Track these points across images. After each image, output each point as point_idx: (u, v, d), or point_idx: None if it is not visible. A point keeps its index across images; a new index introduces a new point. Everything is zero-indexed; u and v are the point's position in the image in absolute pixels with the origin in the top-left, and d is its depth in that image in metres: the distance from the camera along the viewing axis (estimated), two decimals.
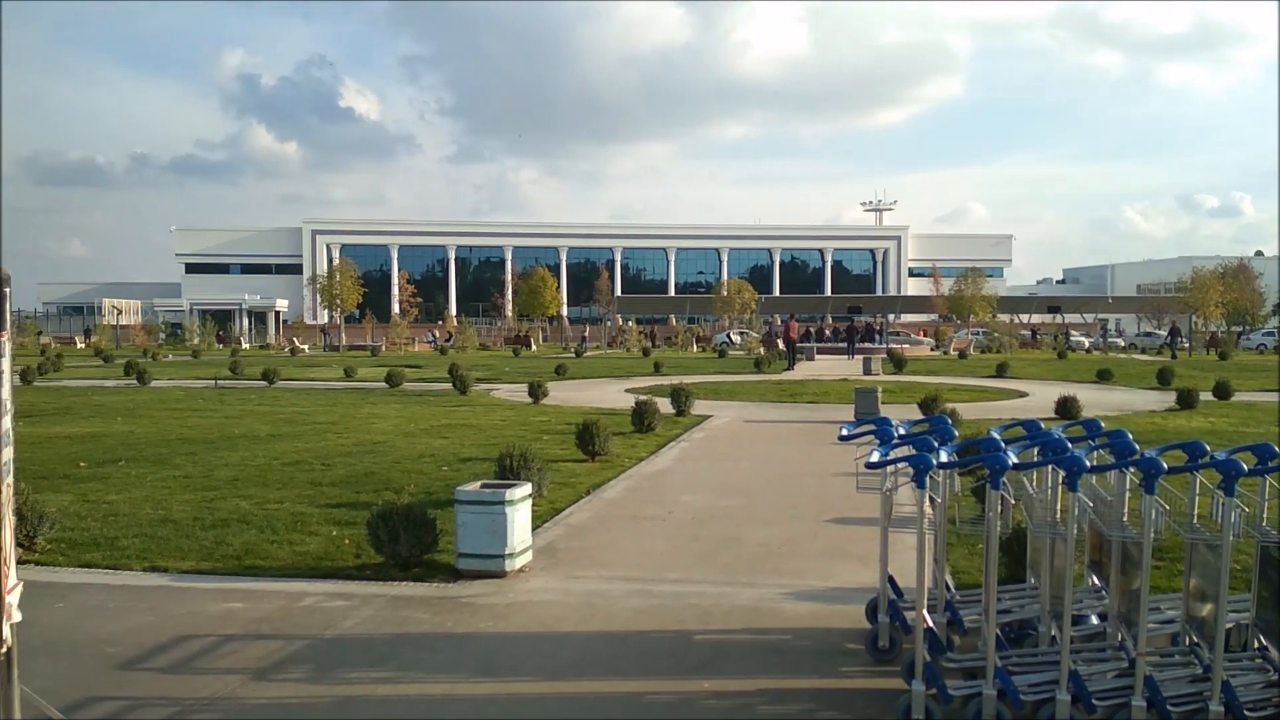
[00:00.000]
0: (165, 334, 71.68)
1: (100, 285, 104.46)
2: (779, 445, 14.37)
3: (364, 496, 9.74)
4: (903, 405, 18.58)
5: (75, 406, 19.90)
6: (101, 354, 46.15)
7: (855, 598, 6.20)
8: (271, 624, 5.91)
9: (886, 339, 57.84)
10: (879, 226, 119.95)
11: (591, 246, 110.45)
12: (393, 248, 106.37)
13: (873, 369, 30.48)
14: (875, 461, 4.71)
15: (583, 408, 19.33)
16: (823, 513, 9.23)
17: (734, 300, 71.70)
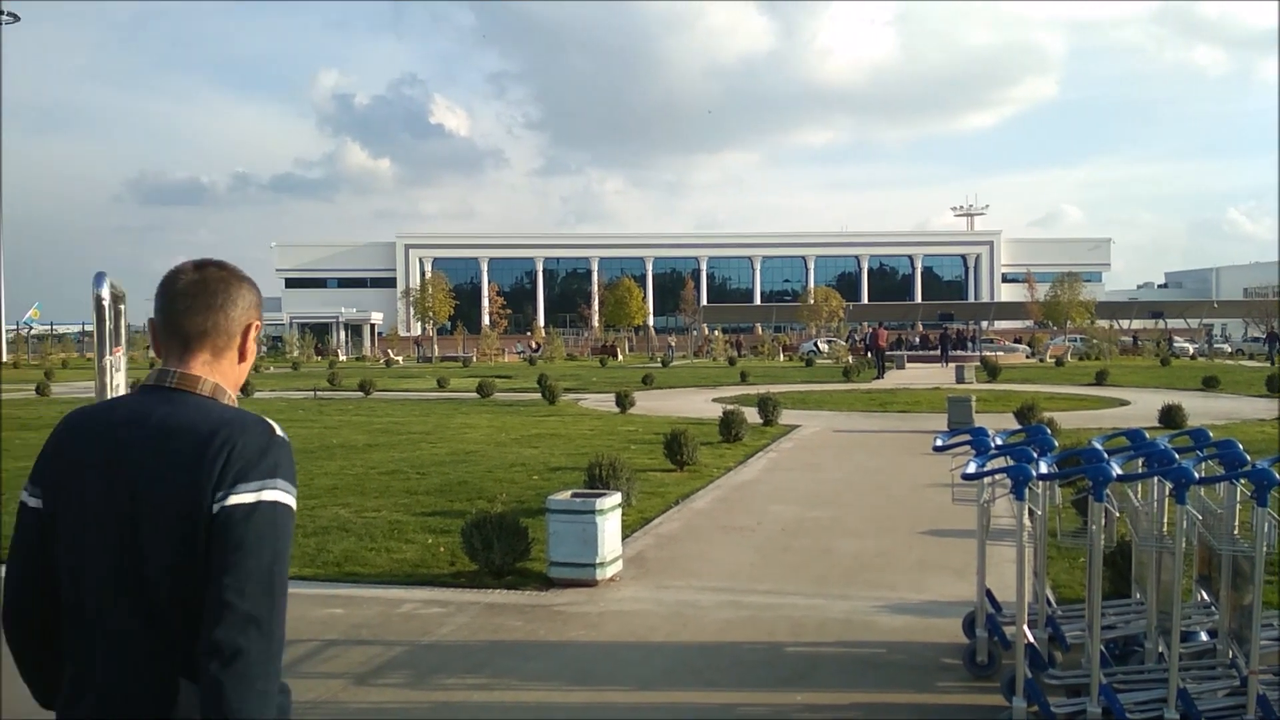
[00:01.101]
0: (266, 347, 74.01)
1: None
2: (869, 455, 14.18)
3: (458, 505, 9.91)
4: (998, 414, 18.16)
5: None
6: None
7: (951, 611, 6.09)
8: (371, 629, 6.06)
9: (980, 346, 56.62)
10: (970, 231, 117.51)
11: (676, 256, 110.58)
12: (482, 260, 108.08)
13: (966, 377, 29.86)
14: (972, 473, 4.63)
15: (670, 417, 19.36)
16: (916, 524, 9.08)
17: (821, 308, 70.98)
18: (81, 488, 1.74)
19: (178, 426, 1.72)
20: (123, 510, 1.70)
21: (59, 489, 1.77)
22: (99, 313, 3.76)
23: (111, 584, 1.70)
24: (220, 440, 1.69)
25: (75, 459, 1.77)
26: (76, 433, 1.80)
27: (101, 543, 1.71)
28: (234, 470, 1.67)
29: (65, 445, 1.80)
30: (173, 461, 1.69)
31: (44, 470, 1.81)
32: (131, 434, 1.73)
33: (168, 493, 1.68)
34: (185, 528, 1.66)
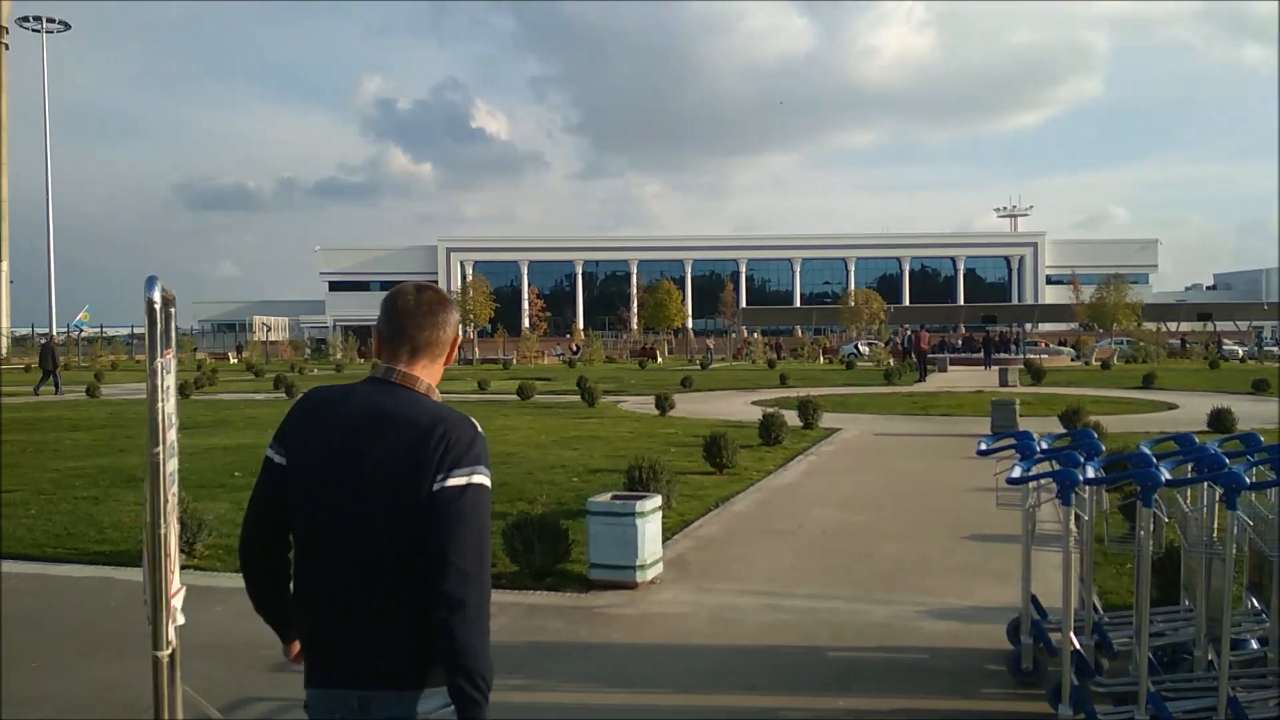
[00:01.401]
0: (311, 349, 74.90)
1: (251, 303, 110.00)
2: (911, 459, 14.07)
3: (498, 506, 9.96)
4: (1042, 418, 17.93)
5: (229, 419, 20.99)
6: (252, 369, 48.55)
7: (995, 617, 6.02)
8: None
9: (1024, 349, 55.92)
10: (1014, 233, 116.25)
11: (716, 259, 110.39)
12: (523, 263, 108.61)
13: (1009, 380, 29.51)
14: (1017, 477, 4.58)
15: (709, 420, 19.33)
16: (959, 529, 9.00)
17: (861, 311, 70.56)
18: (321, 455, 2.16)
19: (404, 417, 2.14)
20: (356, 479, 2.11)
21: (299, 452, 2.20)
22: (150, 316, 3.81)
23: (341, 535, 2.12)
24: (439, 433, 2.11)
25: (315, 430, 2.19)
26: (318, 408, 2.24)
27: (335, 502, 2.13)
28: (450, 458, 2.09)
29: (307, 417, 2.23)
30: (400, 445, 2.10)
31: (287, 434, 2.23)
32: (367, 419, 2.15)
33: (395, 469, 2.09)
34: (405, 498, 2.08)
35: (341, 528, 2.13)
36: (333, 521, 2.14)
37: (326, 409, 2.22)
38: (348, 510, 2.12)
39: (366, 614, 2.11)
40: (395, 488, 2.09)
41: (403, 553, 2.09)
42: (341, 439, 2.15)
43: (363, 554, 2.11)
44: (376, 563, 2.10)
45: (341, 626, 2.14)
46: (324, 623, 2.16)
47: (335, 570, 2.14)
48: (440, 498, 2.06)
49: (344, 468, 2.13)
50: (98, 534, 8.88)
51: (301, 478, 2.18)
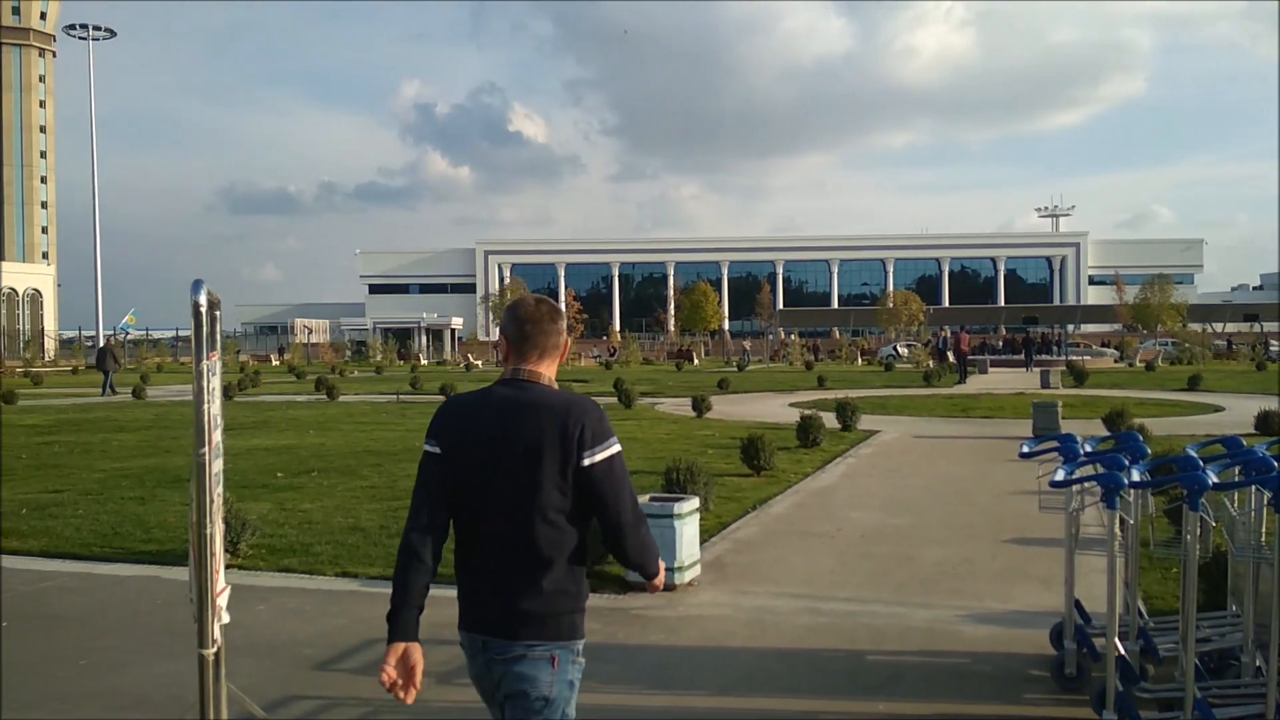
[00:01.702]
0: (351, 351, 75.67)
1: (292, 306, 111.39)
2: (951, 462, 13.94)
3: None
4: (1085, 420, 17.70)
5: (272, 420, 21.26)
6: (294, 371, 49.15)
7: (1038, 622, 5.95)
8: (452, 629, 6.11)
9: (1066, 350, 55.20)
10: (1055, 233, 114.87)
11: (753, 260, 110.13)
12: (560, 265, 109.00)
13: (1051, 382, 29.14)
14: (1061, 480, 4.53)
15: (746, 422, 19.28)
16: (1000, 532, 8.90)
17: (900, 312, 70.10)
18: (475, 443, 2.65)
19: (542, 404, 2.63)
20: (510, 457, 2.60)
21: (457, 444, 2.68)
22: (196, 319, 3.88)
23: (498, 506, 2.61)
24: (575, 415, 2.60)
25: (466, 424, 2.69)
26: (463, 408, 2.76)
27: (491, 479, 2.62)
28: (589, 438, 2.58)
29: (455, 416, 2.75)
30: (542, 426, 2.59)
31: (440, 431, 2.73)
32: (512, 409, 2.65)
33: (541, 446, 2.58)
34: (552, 467, 2.56)
35: (498, 500, 2.61)
36: (490, 495, 2.63)
37: (470, 409, 2.74)
38: (502, 484, 2.60)
39: (517, 572, 2.60)
40: (542, 460, 2.58)
41: (548, 516, 2.58)
42: (493, 427, 2.64)
43: (515, 521, 2.59)
44: (527, 526, 2.58)
45: (496, 583, 2.62)
46: (483, 580, 2.66)
47: (493, 536, 2.63)
48: (595, 472, 2.58)
49: (498, 449, 2.62)
50: (144, 534, 9.03)
51: (462, 463, 2.66)
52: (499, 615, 2.61)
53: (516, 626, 2.59)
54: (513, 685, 2.60)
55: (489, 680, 2.67)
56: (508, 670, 2.60)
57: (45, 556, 8.30)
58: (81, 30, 74.64)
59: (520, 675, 2.59)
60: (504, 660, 2.60)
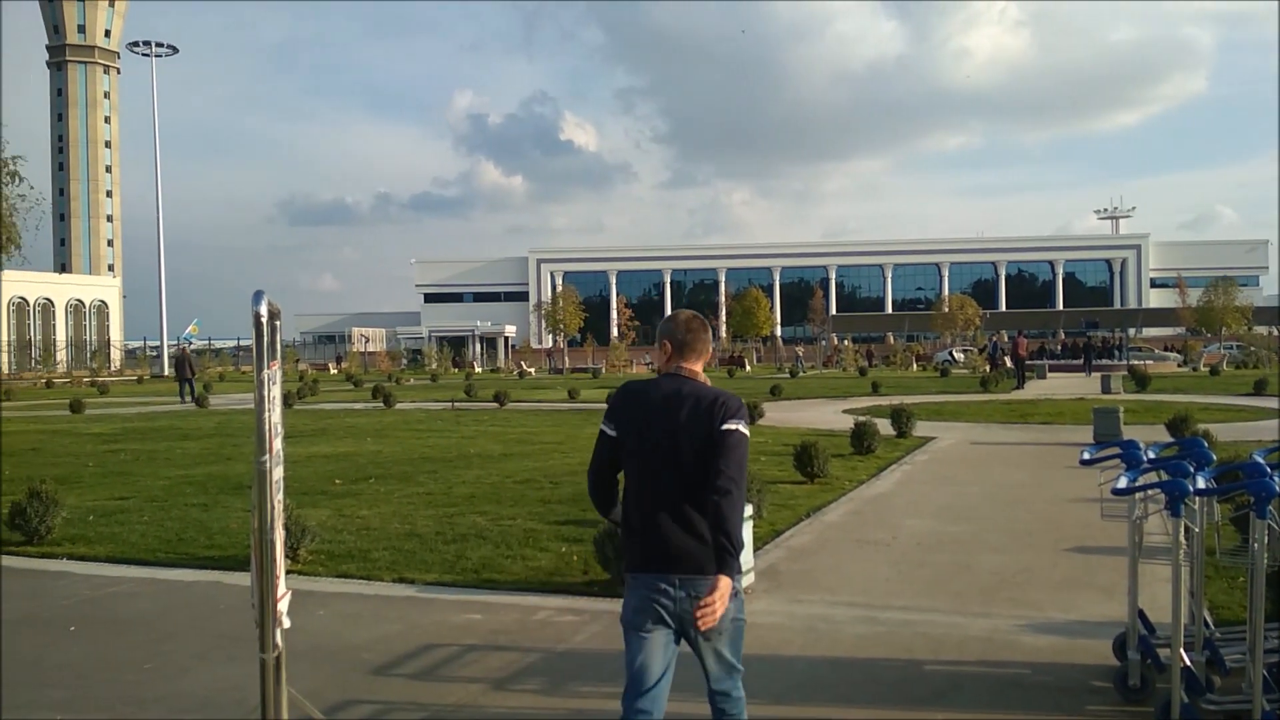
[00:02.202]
0: (407, 360, 76.56)
1: (349, 315, 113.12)
2: (1010, 468, 13.73)
3: (590, 514, 10.01)
4: (1148, 426, 17.34)
5: (330, 428, 21.58)
6: (352, 379, 49.88)
7: (1100, 632, 5.84)
8: (508, 636, 6.20)
9: (1127, 355, 54.10)
10: (1115, 235, 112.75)
11: (805, 266, 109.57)
12: (611, 273, 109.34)
13: (1112, 387, 28.59)
14: (1123, 488, 4.44)
15: (800, 429, 19.16)
16: (1061, 541, 8.75)
17: (956, 316, 69.25)
18: (646, 418, 3.47)
19: (697, 393, 3.45)
20: (673, 430, 3.40)
21: (629, 420, 3.52)
22: (257, 329, 3.97)
23: (661, 467, 3.41)
24: (720, 401, 3.40)
25: (638, 406, 3.52)
26: (636, 395, 3.57)
27: (656, 446, 3.42)
28: (725, 414, 3.36)
29: (628, 402, 3.57)
30: (698, 409, 3.40)
31: (615, 414, 3.57)
32: (673, 396, 3.46)
33: (695, 423, 3.37)
34: (701, 439, 3.35)
35: (661, 462, 3.41)
36: (655, 459, 3.43)
37: (642, 395, 3.55)
38: (664, 450, 3.40)
39: (677, 521, 3.36)
40: (695, 432, 3.37)
41: (699, 476, 3.34)
42: (659, 408, 3.46)
43: (674, 478, 3.38)
44: (683, 483, 3.37)
45: (660, 531, 3.38)
46: (647, 528, 3.41)
47: (657, 492, 3.41)
48: (724, 436, 3.34)
49: (663, 424, 3.43)
50: (207, 539, 9.22)
51: (633, 433, 3.49)
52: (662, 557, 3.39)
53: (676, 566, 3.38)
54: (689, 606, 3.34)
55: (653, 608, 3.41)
56: (695, 594, 3.34)
57: (112, 562, 8.50)
58: (145, 47, 76.44)
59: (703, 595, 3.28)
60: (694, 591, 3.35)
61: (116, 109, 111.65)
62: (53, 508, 9.02)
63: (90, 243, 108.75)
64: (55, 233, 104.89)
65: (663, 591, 3.37)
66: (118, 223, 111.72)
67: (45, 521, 8.97)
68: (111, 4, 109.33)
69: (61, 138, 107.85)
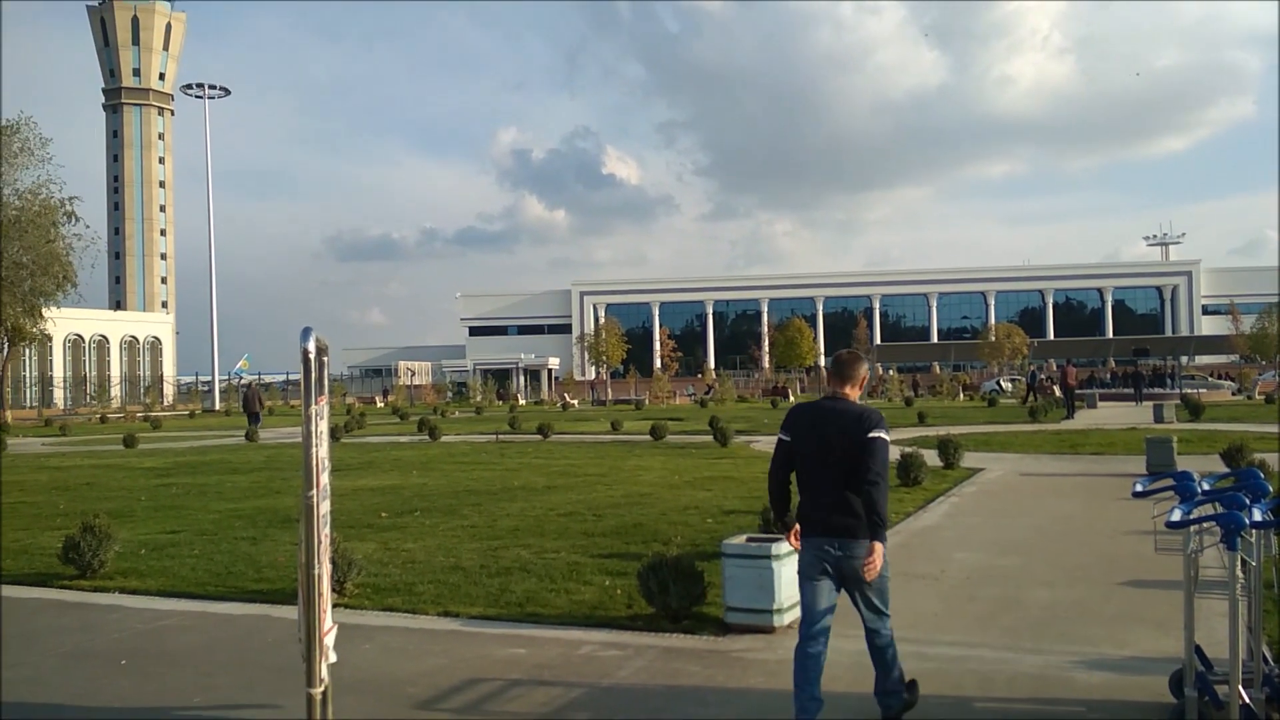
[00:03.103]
0: (452, 392, 77.15)
1: (396, 349, 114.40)
2: (1060, 500, 13.49)
3: (634, 547, 10.02)
4: (1202, 456, 16.97)
5: (376, 461, 21.78)
6: (398, 412, 50.31)
7: (1155, 669, 5.70)
8: (552, 670, 6.19)
9: (1180, 383, 53.05)
10: (1165, 262, 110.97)
11: (848, 295, 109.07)
12: (654, 305, 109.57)
13: (1165, 416, 28.03)
14: (1178, 521, 4.35)
15: None
16: (1114, 574, 8.57)
17: (1003, 345, 68.41)
18: (812, 429, 4.85)
19: (849, 411, 4.79)
20: (831, 437, 4.75)
21: (801, 430, 4.89)
22: (305, 365, 4.04)
23: (824, 465, 4.77)
24: (866, 415, 4.72)
25: (806, 420, 4.91)
26: (805, 411, 4.95)
27: (820, 452, 4.79)
28: (869, 425, 4.67)
29: (800, 417, 4.95)
30: (850, 421, 4.72)
31: (790, 426, 4.94)
32: (832, 413, 4.83)
33: (848, 431, 4.70)
34: (854, 443, 4.66)
35: (824, 460, 4.79)
36: (819, 459, 4.82)
37: (810, 411, 4.98)
38: (826, 450, 4.78)
39: (837, 502, 4.74)
40: (848, 438, 4.72)
41: (852, 471, 4.68)
42: (821, 421, 4.87)
43: (833, 471, 4.75)
44: (840, 474, 4.73)
45: (826, 508, 4.78)
46: (817, 507, 4.82)
47: (821, 481, 4.81)
48: (870, 442, 4.67)
49: (825, 432, 4.81)
50: (255, 573, 9.32)
51: (803, 439, 4.90)
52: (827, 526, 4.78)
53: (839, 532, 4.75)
54: (853, 565, 4.72)
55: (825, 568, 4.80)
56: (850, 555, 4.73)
57: (163, 595, 8.63)
58: (198, 90, 78.48)
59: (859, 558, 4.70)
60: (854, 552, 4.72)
61: (170, 149, 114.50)
62: (105, 542, 9.18)
63: (144, 280, 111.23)
64: (111, 271, 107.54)
65: (825, 551, 4.77)
66: (171, 260, 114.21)
67: (98, 555, 9.12)
68: (166, 48, 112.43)
69: (117, 178, 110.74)
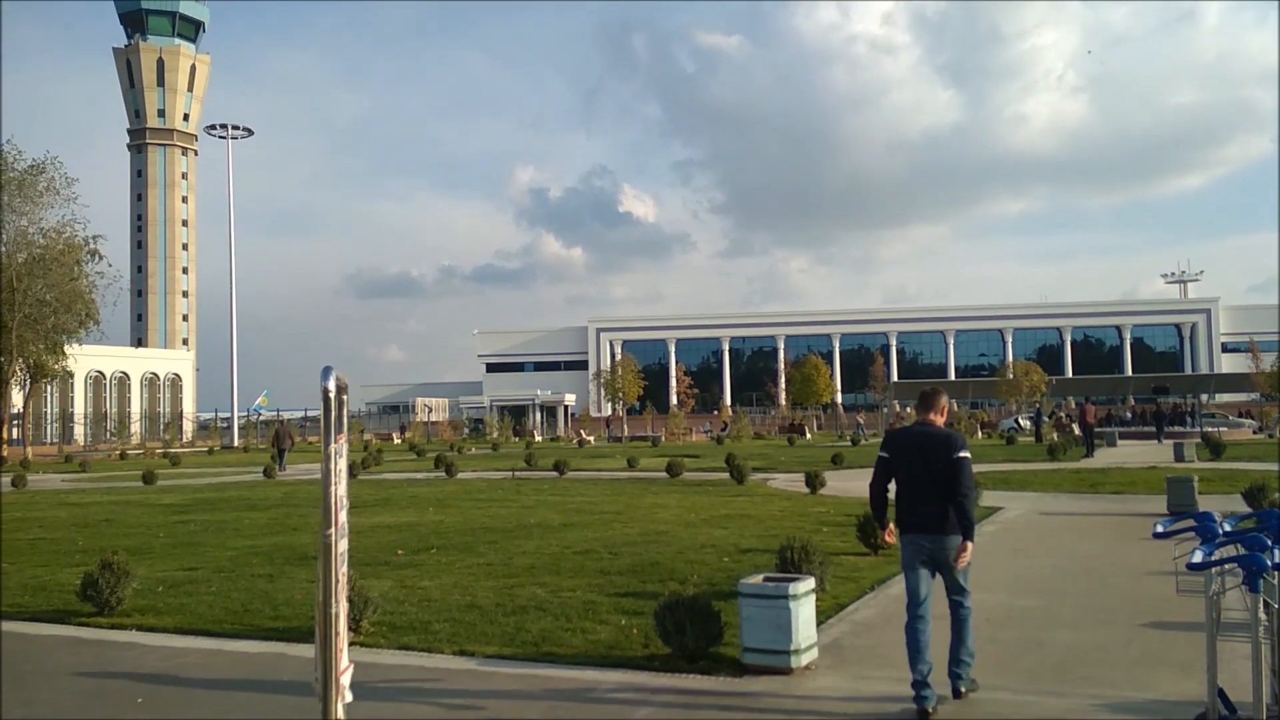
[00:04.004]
0: (469, 429, 77.20)
1: (413, 386, 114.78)
2: (1080, 540, 13.36)
3: (650, 586, 9.97)
4: (1223, 495, 16.80)
5: (393, 498, 21.79)
6: (415, 448, 50.38)
7: (1178, 712, 5.62)
8: (568, 711, 6.15)
9: (1200, 421, 52.58)
10: (1184, 299, 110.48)
11: (864, 332, 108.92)
12: (670, 341, 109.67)
13: (1185, 455, 27.77)
14: (1199, 562, 4.32)
15: (862, 498, 18.75)
16: (1135, 616, 8.47)
17: (1021, 383, 68.04)
18: (908, 449, 6.23)
19: (937, 434, 6.20)
20: (924, 456, 6.12)
21: (899, 450, 6.27)
22: (325, 403, 4.08)
23: (922, 481, 6.10)
24: (951, 438, 6.15)
25: (903, 442, 6.33)
26: (900, 435, 6.48)
27: (917, 468, 6.13)
28: (956, 447, 6.06)
29: (896, 439, 6.42)
30: (938, 443, 6.13)
31: (889, 446, 6.37)
32: (924, 436, 6.23)
33: (937, 452, 6.08)
34: (942, 461, 6.02)
35: (917, 475, 6.08)
36: (913, 473, 6.10)
37: (904, 434, 6.36)
38: (919, 467, 6.07)
39: (930, 506, 6.00)
40: (937, 457, 6.01)
41: (941, 483, 5.94)
42: (915, 442, 6.19)
43: (925, 484, 6.02)
44: (930, 486, 6.00)
45: (921, 510, 6.04)
46: (914, 511, 6.08)
47: (915, 491, 6.08)
48: (957, 461, 5.95)
49: (918, 453, 6.12)
50: (272, 610, 9.32)
51: (900, 458, 6.19)
52: (923, 524, 6.05)
53: (931, 529, 6.03)
54: (943, 555, 6.00)
55: (921, 559, 6.09)
56: (947, 551, 5.99)
57: (180, 633, 8.63)
58: (222, 130, 79.56)
59: (947, 549, 5.99)
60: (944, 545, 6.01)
61: (194, 189, 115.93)
62: (124, 579, 9.21)
63: (166, 318, 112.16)
64: (133, 308, 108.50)
65: (921, 545, 6.08)
66: (193, 298, 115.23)
67: (116, 592, 9.15)
68: (190, 89, 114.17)
69: (140, 217, 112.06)
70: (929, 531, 5.99)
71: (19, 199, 47.27)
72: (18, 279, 45.70)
